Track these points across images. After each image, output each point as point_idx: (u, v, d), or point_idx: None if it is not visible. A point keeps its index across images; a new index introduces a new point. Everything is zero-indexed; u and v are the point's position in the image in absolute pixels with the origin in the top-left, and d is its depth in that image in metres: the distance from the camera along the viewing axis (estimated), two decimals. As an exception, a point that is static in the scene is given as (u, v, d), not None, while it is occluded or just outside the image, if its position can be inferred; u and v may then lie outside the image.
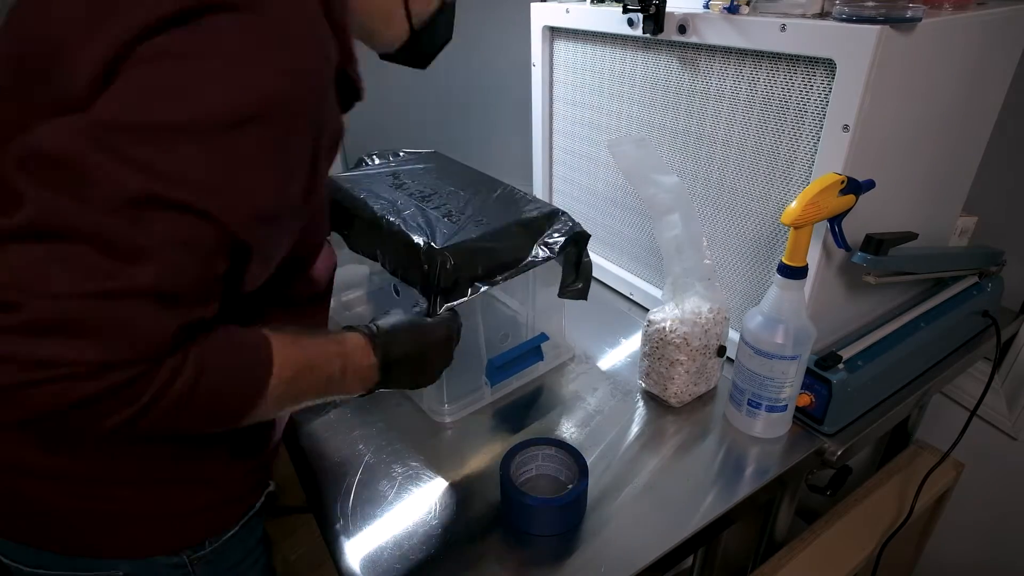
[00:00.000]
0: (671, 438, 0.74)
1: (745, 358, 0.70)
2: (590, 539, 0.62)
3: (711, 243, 0.84)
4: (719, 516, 0.64)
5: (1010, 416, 1.00)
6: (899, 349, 0.77)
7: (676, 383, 0.76)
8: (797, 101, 0.68)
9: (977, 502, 1.09)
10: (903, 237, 0.72)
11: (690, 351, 0.74)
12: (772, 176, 0.74)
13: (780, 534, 0.85)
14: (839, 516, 0.90)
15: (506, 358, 0.79)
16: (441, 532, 0.63)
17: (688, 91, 0.80)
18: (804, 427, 0.75)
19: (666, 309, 0.76)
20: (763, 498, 0.69)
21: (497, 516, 0.64)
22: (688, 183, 0.85)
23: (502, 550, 0.61)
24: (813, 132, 0.68)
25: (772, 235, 0.77)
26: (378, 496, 0.67)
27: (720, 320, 0.75)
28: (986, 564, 1.12)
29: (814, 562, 0.83)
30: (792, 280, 0.65)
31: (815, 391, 0.72)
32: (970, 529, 1.12)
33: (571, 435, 0.75)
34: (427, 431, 0.76)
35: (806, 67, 0.66)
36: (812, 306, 0.73)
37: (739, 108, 0.75)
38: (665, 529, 0.63)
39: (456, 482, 0.69)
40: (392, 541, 0.62)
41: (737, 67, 0.73)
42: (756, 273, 0.81)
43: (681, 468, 0.70)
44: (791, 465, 0.70)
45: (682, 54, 0.79)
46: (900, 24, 0.58)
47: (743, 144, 0.76)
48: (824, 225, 0.68)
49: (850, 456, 0.73)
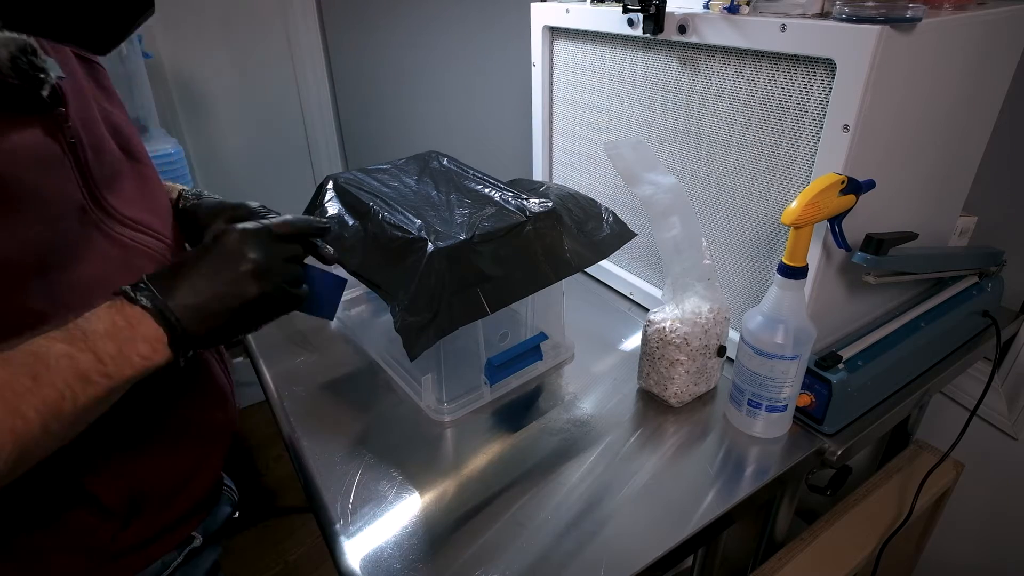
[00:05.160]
0: (671, 438, 0.74)
1: (745, 358, 0.70)
2: (590, 539, 0.62)
3: (711, 243, 0.84)
4: (719, 516, 0.64)
5: (1010, 416, 1.00)
6: (899, 349, 0.77)
7: (676, 383, 0.76)
8: (797, 101, 0.68)
9: (977, 502, 1.09)
10: (903, 237, 0.72)
11: (690, 351, 0.74)
12: (772, 176, 0.74)
13: (780, 534, 0.85)
14: (839, 516, 0.90)
15: (505, 357, 0.79)
16: (441, 532, 0.63)
17: (688, 91, 0.80)
18: (804, 427, 0.75)
19: (666, 309, 0.76)
20: (763, 498, 0.69)
21: (497, 515, 0.64)
22: (688, 183, 0.85)
23: (502, 550, 0.61)
24: (813, 132, 0.68)
25: (772, 235, 0.77)
26: (378, 496, 0.67)
27: (720, 320, 0.75)
28: (986, 564, 1.12)
29: (814, 562, 0.83)
30: (792, 280, 0.65)
31: (815, 391, 0.72)
32: (970, 529, 1.12)
33: (570, 434, 0.75)
34: (426, 430, 0.76)
35: (806, 67, 0.66)
36: (812, 306, 0.73)
37: (739, 108, 0.75)
38: (665, 529, 0.63)
39: (456, 481, 0.69)
40: (392, 541, 0.62)
41: (737, 67, 0.73)
42: (756, 273, 0.81)
43: (681, 468, 0.70)
44: (791, 465, 0.70)
45: (682, 54, 0.79)
46: (900, 24, 0.58)
47: (743, 144, 0.76)
48: (824, 225, 0.68)
49: (850, 456, 0.73)
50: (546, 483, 0.68)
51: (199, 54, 1.74)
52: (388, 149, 1.97)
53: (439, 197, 0.78)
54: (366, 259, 0.72)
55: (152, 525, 0.59)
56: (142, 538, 0.58)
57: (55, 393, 0.41)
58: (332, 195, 0.80)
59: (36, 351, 0.42)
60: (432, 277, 0.65)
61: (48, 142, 0.48)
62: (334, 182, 0.81)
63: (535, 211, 0.73)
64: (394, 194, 0.78)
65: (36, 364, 0.41)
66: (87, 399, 0.43)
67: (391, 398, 0.81)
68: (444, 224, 0.70)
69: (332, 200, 0.79)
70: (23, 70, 0.46)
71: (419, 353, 0.64)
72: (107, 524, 0.55)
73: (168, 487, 0.60)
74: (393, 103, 1.74)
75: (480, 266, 0.67)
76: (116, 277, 0.51)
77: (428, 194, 0.79)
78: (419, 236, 0.67)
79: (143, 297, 0.46)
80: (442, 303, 0.65)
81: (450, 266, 0.65)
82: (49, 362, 0.42)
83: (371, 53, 1.83)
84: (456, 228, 0.69)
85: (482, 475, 0.70)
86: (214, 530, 0.68)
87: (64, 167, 0.50)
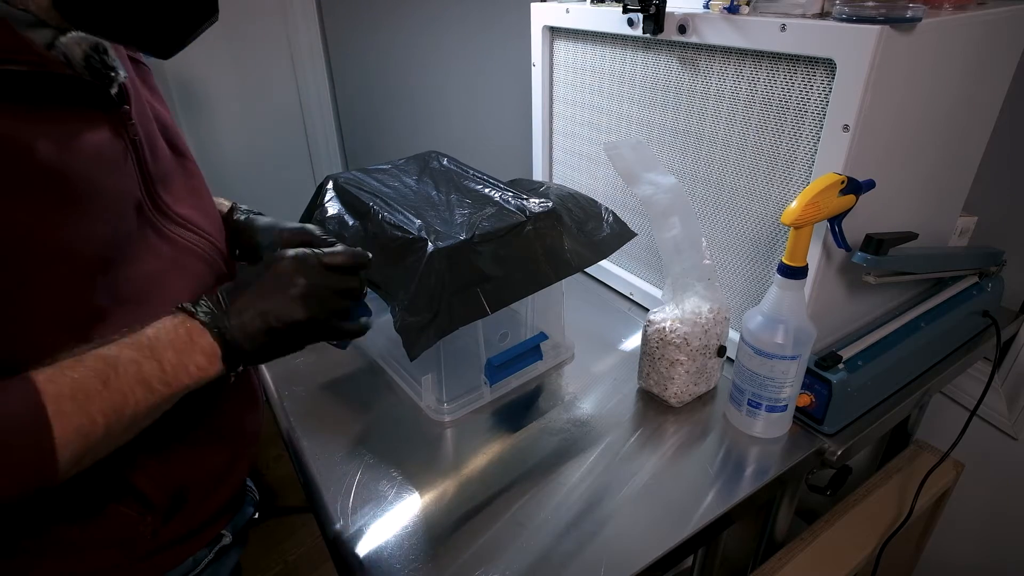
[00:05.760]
0: (671, 438, 0.74)
1: (745, 358, 0.70)
2: (590, 539, 0.62)
3: (711, 243, 0.84)
4: (719, 516, 0.64)
5: (1010, 416, 1.00)
6: (899, 349, 0.77)
7: (676, 383, 0.76)
8: (797, 101, 0.68)
9: (977, 502, 1.09)
10: (903, 237, 0.72)
11: (690, 351, 0.74)
12: (772, 176, 0.74)
13: (780, 534, 0.85)
14: (839, 516, 0.90)
15: (505, 357, 0.79)
16: (441, 532, 0.63)
17: (688, 91, 0.80)
18: (804, 427, 0.75)
19: (666, 309, 0.76)
20: (763, 498, 0.69)
21: (497, 515, 0.64)
22: (688, 183, 0.85)
23: (502, 550, 0.61)
24: (813, 132, 0.68)
25: (772, 235, 0.77)
26: (378, 496, 0.67)
27: (720, 320, 0.75)
28: (986, 564, 1.12)
29: (814, 562, 0.83)
30: (792, 280, 0.65)
31: (815, 391, 0.72)
32: (970, 529, 1.12)
33: (570, 434, 0.75)
34: (426, 430, 0.76)
35: (806, 67, 0.66)
36: (812, 306, 0.73)
37: (739, 108, 0.75)
38: (665, 529, 0.63)
39: (456, 481, 0.69)
40: (392, 541, 0.62)
41: (737, 67, 0.73)
42: (756, 273, 0.81)
43: (681, 468, 0.70)
44: (791, 465, 0.70)
45: (682, 54, 0.79)
46: (900, 24, 0.58)
47: (743, 144, 0.76)
48: (824, 225, 0.68)
49: (850, 456, 0.73)
50: (546, 483, 0.68)
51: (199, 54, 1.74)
52: (388, 149, 1.97)
53: (439, 197, 0.78)
54: None
55: (189, 522, 0.60)
56: (179, 534, 0.59)
57: (120, 397, 0.44)
58: (332, 195, 0.80)
59: (107, 356, 0.44)
60: (432, 277, 0.65)
61: (114, 140, 0.49)
62: (334, 182, 0.81)
63: (535, 211, 0.73)
64: (394, 194, 0.78)
65: (107, 368, 0.43)
66: (147, 405, 0.45)
67: (391, 398, 0.81)
68: (444, 224, 0.70)
69: (332, 200, 0.79)
70: (96, 68, 0.48)
71: (419, 353, 0.64)
72: (148, 519, 0.56)
73: (207, 484, 0.61)
74: (393, 103, 1.74)
75: (480, 266, 0.67)
76: (168, 276, 0.54)
77: (428, 194, 0.79)
78: (419, 236, 0.67)
79: (203, 313, 0.49)
80: (442, 303, 0.65)
81: (450, 266, 0.65)
82: (119, 368, 0.44)
83: (371, 53, 1.83)
84: (456, 228, 0.69)
85: (482, 475, 0.70)
86: (240, 528, 0.69)
87: (127, 165, 0.51)
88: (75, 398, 0.42)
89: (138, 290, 0.51)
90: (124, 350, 0.45)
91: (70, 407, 0.41)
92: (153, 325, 0.48)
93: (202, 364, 0.48)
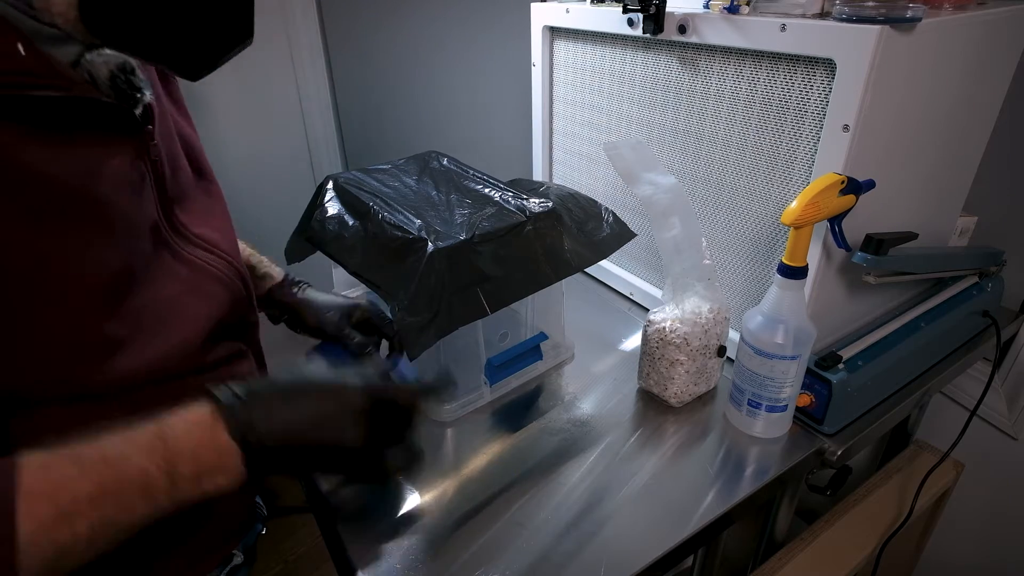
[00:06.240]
0: (671, 438, 0.74)
1: (745, 358, 0.70)
2: (590, 539, 0.62)
3: (711, 243, 0.84)
4: (719, 516, 0.64)
5: (1010, 416, 1.00)
6: (899, 349, 0.77)
7: (676, 383, 0.76)
8: (797, 101, 0.68)
9: (977, 502, 1.09)
10: (903, 237, 0.72)
11: (690, 351, 0.74)
12: (772, 176, 0.74)
13: (780, 534, 0.85)
14: (839, 516, 0.90)
15: (505, 357, 0.79)
16: (441, 532, 0.63)
17: (688, 91, 0.80)
18: (804, 427, 0.75)
19: (666, 309, 0.76)
20: (763, 498, 0.69)
21: (497, 515, 0.64)
22: (688, 183, 0.85)
23: (502, 550, 0.61)
24: (813, 132, 0.68)
25: (772, 235, 0.77)
26: (378, 496, 0.67)
27: (720, 320, 0.75)
28: (986, 564, 1.12)
29: (814, 562, 0.83)
30: (792, 280, 0.65)
31: (815, 391, 0.72)
32: (970, 529, 1.12)
33: (570, 434, 0.75)
34: (426, 430, 0.76)
35: (806, 67, 0.66)
36: (812, 306, 0.73)
37: (739, 108, 0.75)
38: (665, 529, 0.63)
39: (456, 481, 0.69)
40: (392, 541, 0.62)
41: (737, 67, 0.73)
42: (756, 273, 0.81)
43: (681, 468, 0.70)
44: (791, 465, 0.70)
45: (682, 54, 0.79)
46: (900, 24, 0.58)
47: (743, 144, 0.76)
48: (824, 225, 0.68)
49: (850, 456, 0.73)
50: (546, 483, 0.68)
51: (199, 54, 1.74)
52: (388, 149, 1.97)
53: (439, 197, 0.78)
54: (366, 259, 0.72)
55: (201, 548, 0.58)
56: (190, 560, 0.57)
57: (114, 510, 0.39)
58: (332, 195, 0.80)
59: (112, 459, 0.39)
60: (432, 277, 0.65)
61: (135, 162, 0.47)
62: (334, 182, 0.81)
63: (535, 211, 0.73)
64: (394, 194, 0.78)
65: (106, 471, 0.39)
66: (142, 515, 0.40)
67: (391, 398, 0.81)
68: (444, 224, 0.70)
69: (332, 200, 0.79)
70: (121, 89, 0.46)
71: (419, 353, 0.64)
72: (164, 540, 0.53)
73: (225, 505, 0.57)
74: (393, 103, 1.74)
75: (480, 266, 0.67)
76: (185, 299, 0.51)
77: (428, 194, 0.79)
78: (419, 236, 0.67)
79: (237, 430, 0.44)
80: (442, 303, 0.65)
81: (450, 266, 0.65)
82: (121, 477, 0.39)
83: (371, 53, 1.83)
84: (456, 228, 0.69)
85: (482, 475, 0.70)
86: (250, 546, 0.68)
87: (146, 186, 0.49)
88: (57, 501, 0.36)
89: (155, 315, 0.48)
90: (134, 455, 0.40)
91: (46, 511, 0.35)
92: (175, 419, 0.42)
93: (222, 484, 0.43)
